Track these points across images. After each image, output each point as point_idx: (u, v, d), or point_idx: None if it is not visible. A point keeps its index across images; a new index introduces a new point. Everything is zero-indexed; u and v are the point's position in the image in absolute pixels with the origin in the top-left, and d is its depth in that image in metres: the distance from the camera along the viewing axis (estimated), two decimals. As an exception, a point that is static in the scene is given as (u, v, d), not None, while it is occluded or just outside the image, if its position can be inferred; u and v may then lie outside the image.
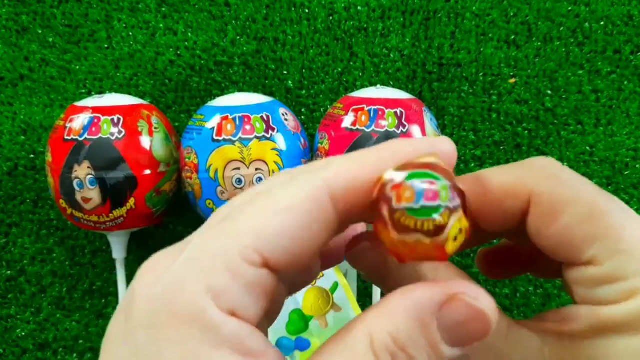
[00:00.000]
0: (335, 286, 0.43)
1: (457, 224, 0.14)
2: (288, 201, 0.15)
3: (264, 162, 0.39)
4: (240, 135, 0.39)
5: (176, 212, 0.48)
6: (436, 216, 0.14)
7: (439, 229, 0.14)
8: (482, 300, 0.15)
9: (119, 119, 0.40)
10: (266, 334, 0.19)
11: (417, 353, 0.14)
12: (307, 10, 0.50)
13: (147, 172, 0.40)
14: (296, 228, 0.15)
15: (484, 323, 0.15)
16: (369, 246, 0.18)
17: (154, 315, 0.14)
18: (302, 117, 0.49)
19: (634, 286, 0.15)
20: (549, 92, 0.48)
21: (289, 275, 0.18)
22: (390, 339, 0.14)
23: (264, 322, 0.19)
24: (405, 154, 0.16)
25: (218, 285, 0.14)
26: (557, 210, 0.16)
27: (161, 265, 0.15)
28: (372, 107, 0.40)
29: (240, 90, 0.49)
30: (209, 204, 0.40)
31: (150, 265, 0.15)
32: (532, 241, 0.17)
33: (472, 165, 0.48)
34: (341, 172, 0.15)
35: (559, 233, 0.16)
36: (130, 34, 0.50)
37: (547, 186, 0.16)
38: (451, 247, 0.14)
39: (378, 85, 0.45)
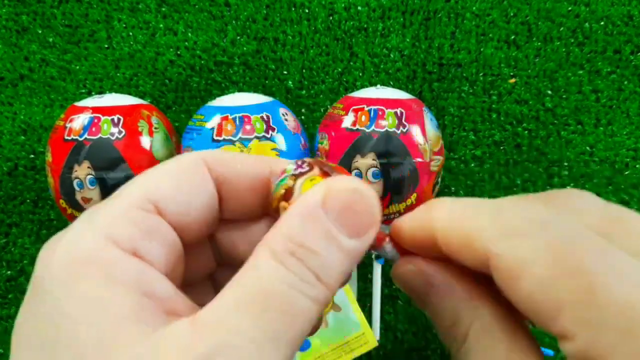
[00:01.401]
0: (335, 286, 0.43)
1: (307, 183, 0.16)
2: (172, 165, 0.17)
3: (264, 162, 0.39)
4: (240, 135, 0.39)
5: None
6: (282, 183, 0.17)
7: (288, 192, 0.17)
8: (355, 183, 0.15)
9: (119, 119, 0.40)
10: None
11: (315, 245, 0.15)
12: (307, 10, 0.50)
13: (147, 172, 0.40)
14: (181, 182, 0.17)
15: (367, 203, 0.15)
16: (414, 269, 0.18)
17: (58, 271, 0.14)
18: (302, 117, 0.49)
19: None
20: (549, 92, 0.48)
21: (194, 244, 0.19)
22: (287, 240, 0.14)
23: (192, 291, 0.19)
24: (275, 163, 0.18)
25: (116, 231, 0.15)
26: (517, 274, 0.14)
27: (55, 239, 0.15)
28: (372, 107, 0.40)
29: (240, 90, 0.49)
30: (209, 204, 0.40)
31: (45, 245, 0.15)
32: None
33: (472, 165, 0.48)
34: (215, 152, 0.18)
35: (525, 301, 0.14)
36: (130, 34, 0.50)
37: (505, 244, 0.14)
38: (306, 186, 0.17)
39: (378, 85, 0.45)
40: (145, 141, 0.41)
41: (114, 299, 0.14)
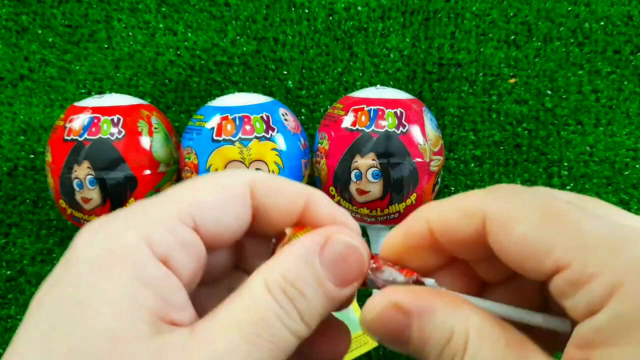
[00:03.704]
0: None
1: (286, 239, 0.18)
2: (221, 182, 0.18)
3: (264, 162, 0.39)
4: (240, 135, 0.39)
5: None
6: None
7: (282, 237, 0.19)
8: (354, 239, 0.18)
9: (118, 119, 0.40)
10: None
11: (305, 287, 0.17)
12: (307, 10, 0.50)
13: (147, 172, 0.40)
14: (223, 203, 0.18)
15: (358, 258, 0.18)
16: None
17: (94, 256, 0.15)
18: (302, 117, 0.49)
19: (610, 282, 0.14)
20: (549, 92, 0.48)
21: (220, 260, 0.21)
22: (281, 278, 0.16)
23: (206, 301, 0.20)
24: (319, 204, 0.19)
25: (153, 235, 0.16)
26: (511, 221, 0.16)
27: (97, 225, 0.17)
28: (372, 107, 0.40)
29: (240, 90, 0.49)
30: (209, 204, 0.40)
31: (86, 228, 0.17)
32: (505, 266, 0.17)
33: (472, 165, 0.48)
34: (262, 177, 0.19)
35: (519, 245, 0.16)
36: (130, 34, 0.50)
37: (498, 201, 0.17)
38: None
39: (378, 85, 0.45)
40: (145, 141, 0.41)
41: (136, 297, 0.15)
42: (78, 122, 0.40)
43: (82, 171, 0.39)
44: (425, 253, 0.19)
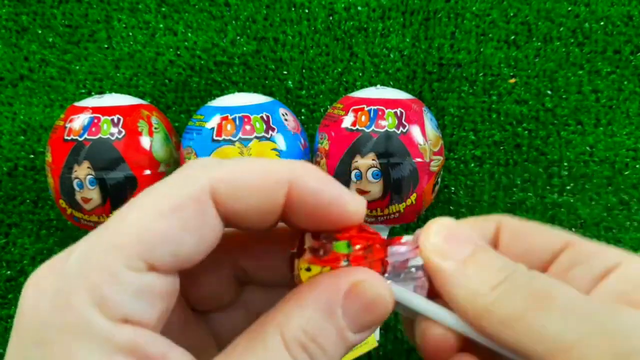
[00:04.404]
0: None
1: (301, 264, 0.17)
2: (172, 201, 0.14)
3: (264, 162, 0.39)
4: (240, 135, 0.39)
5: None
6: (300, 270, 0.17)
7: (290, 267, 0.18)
8: (381, 287, 0.16)
9: (118, 119, 0.40)
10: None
11: (326, 342, 0.15)
12: (307, 10, 0.50)
13: (147, 172, 0.40)
14: (178, 230, 0.14)
15: (383, 309, 0.16)
16: None
17: (42, 331, 0.14)
18: (302, 117, 0.49)
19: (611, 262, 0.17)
20: (549, 92, 0.48)
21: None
22: (301, 332, 0.15)
23: (179, 325, 0.19)
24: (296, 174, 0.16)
25: (104, 297, 0.14)
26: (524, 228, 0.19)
27: (46, 277, 0.14)
28: (372, 107, 0.40)
29: (240, 90, 0.49)
30: (209, 204, 0.40)
31: (34, 279, 0.15)
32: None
33: (472, 165, 0.48)
34: (226, 174, 0.15)
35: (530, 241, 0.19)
36: (130, 34, 0.50)
37: (508, 219, 0.19)
38: (303, 275, 0.17)
39: (378, 85, 0.45)
40: (145, 141, 0.41)
41: None
42: (78, 122, 0.40)
43: (82, 171, 0.39)
44: None
